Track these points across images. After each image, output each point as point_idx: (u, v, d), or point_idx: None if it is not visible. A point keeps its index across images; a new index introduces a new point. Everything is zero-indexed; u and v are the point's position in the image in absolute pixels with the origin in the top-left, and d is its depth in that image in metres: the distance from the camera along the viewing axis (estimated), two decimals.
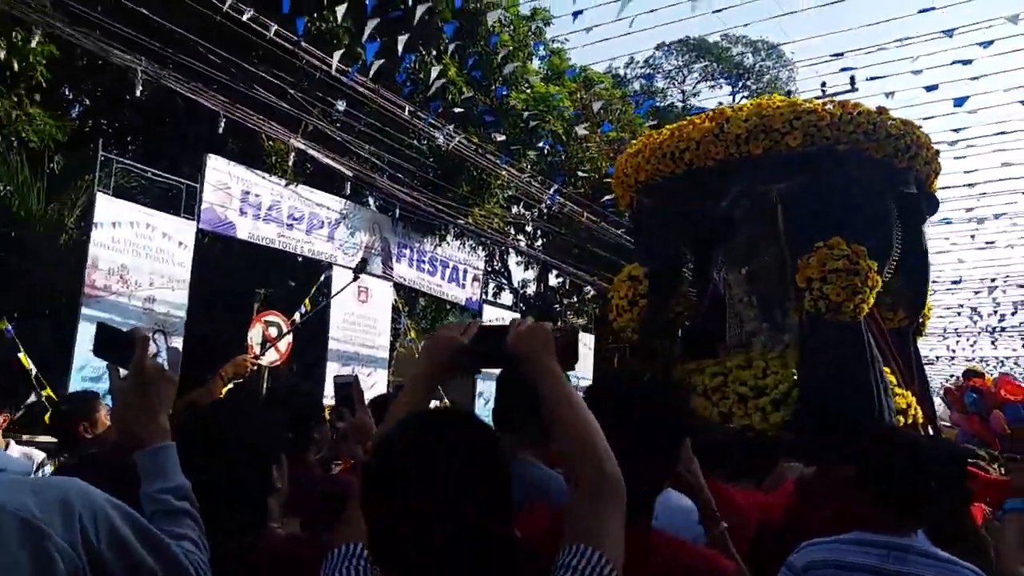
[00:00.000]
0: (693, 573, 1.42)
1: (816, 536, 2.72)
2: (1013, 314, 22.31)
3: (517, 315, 16.38)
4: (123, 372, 1.50)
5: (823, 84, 15.41)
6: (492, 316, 16.69)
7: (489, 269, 18.50)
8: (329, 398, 5.26)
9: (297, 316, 11.66)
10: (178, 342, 10.41)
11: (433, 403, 1.50)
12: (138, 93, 10.58)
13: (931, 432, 5.48)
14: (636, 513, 1.42)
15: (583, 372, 16.53)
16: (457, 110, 14.15)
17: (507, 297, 20.19)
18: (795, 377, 5.14)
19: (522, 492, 1.27)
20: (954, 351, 25.10)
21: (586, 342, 18.22)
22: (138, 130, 13.54)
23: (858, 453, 2.24)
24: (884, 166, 5.28)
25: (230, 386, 3.52)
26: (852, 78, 14.76)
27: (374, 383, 12.88)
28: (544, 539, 1.23)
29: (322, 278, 12.81)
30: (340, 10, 10.98)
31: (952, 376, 29.70)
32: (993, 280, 19.34)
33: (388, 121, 13.18)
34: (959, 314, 21.47)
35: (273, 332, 11.06)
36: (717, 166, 5.37)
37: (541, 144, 16.19)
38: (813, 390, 4.91)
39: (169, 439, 1.44)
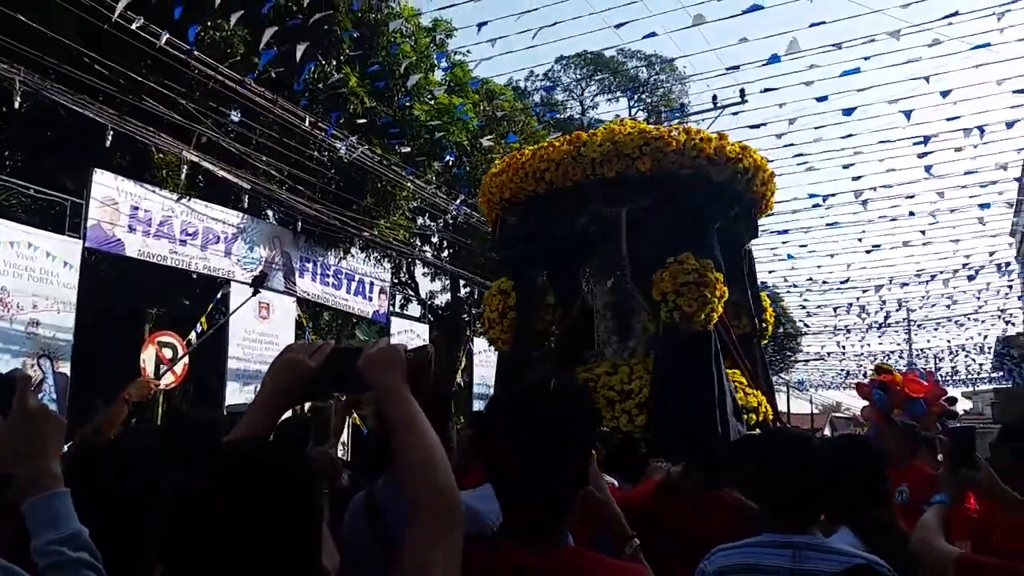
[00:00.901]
0: None
1: (675, 531, 2.93)
2: (897, 311, 23.84)
3: (425, 326, 16.33)
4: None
5: (714, 97, 16.20)
6: (400, 328, 16.73)
7: (396, 281, 18.49)
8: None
9: (193, 336, 11.38)
10: (65, 367, 10.06)
11: None
12: (17, 105, 10.17)
13: (778, 426, 5.90)
14: (550, 535, 1.41)
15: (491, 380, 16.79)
16: (360, 121, 14.12)
17: (415, 309, 20.25)
18: None
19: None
20: (844, 347, 26.55)
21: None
22: (17, 144, 12.99)
23: (751, 455, 2.28)
24: (723, 188, 5.69)
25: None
26: (742, 91, 15.56)
27: None
28: None
29: (219, 295, 12.56)
30: (234, 18, 10.83)
31: (844, 371, 31.44)
32: (881, 279, 20.48)
33: (287, 132, 13.06)
34: (848, 312, 22.65)
35: (168, 353, 10.78)
36: (575, 187, 5.65)
37: (446, 156, 16.29)
38: (665, 394, 5.23)
39: (60, 485, 1.34)
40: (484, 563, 1.37)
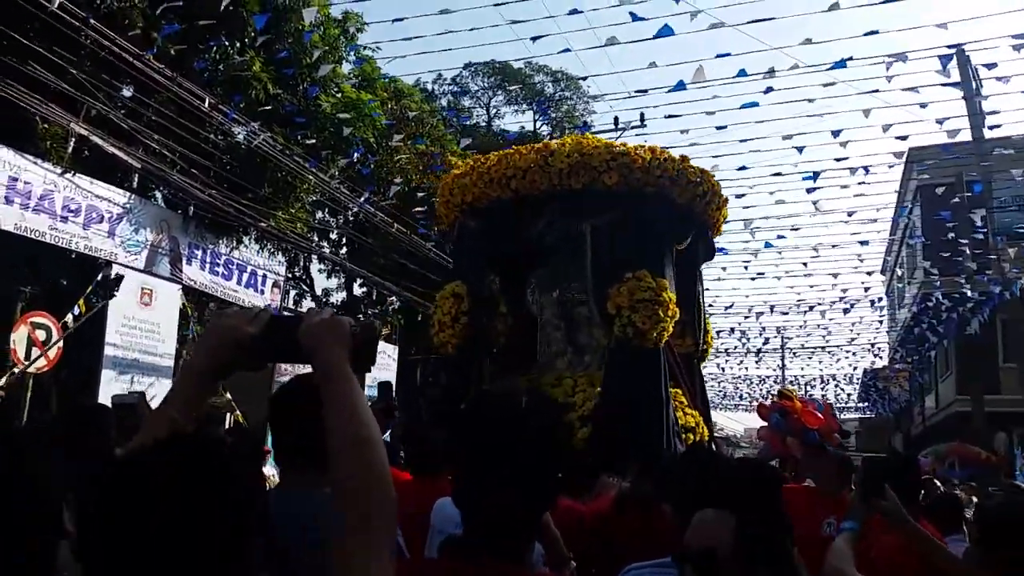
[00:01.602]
0: None
1: (626, 544, 2.91)
2: (775, 337, 25.23)
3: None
4: None
5: (616, 119, 16.73)
6: None
7: (290, 275, 17.79)
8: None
9: (70, 318, 10.49)
10: None
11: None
12: None
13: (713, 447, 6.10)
14: (520, 552, 1.34)
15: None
16: (265, 108, 13.50)
17: (308, 305, 19.55)
18: None
19: None
20: (723, 368, 27.87)
21: (389, 352, 18.13)
22: None
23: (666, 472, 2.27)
24: (682, 209, 5.87)
25: None
26: (642, 115, 16.15)
27: (154, 395, 11.90)
28: None
29: (99, 277, 11.63)
30: None
31: (721, 392, 32.94)
32: (763, 306, 21.53)
33: (184, 112, 12.29)
34: (730, 335, 23.75)
35: (41, 335, 9.90)
36: (541, 195, 5.65)
37: (352, 152, 15.84)
38: (612, 409, 5.29)
39: None
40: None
